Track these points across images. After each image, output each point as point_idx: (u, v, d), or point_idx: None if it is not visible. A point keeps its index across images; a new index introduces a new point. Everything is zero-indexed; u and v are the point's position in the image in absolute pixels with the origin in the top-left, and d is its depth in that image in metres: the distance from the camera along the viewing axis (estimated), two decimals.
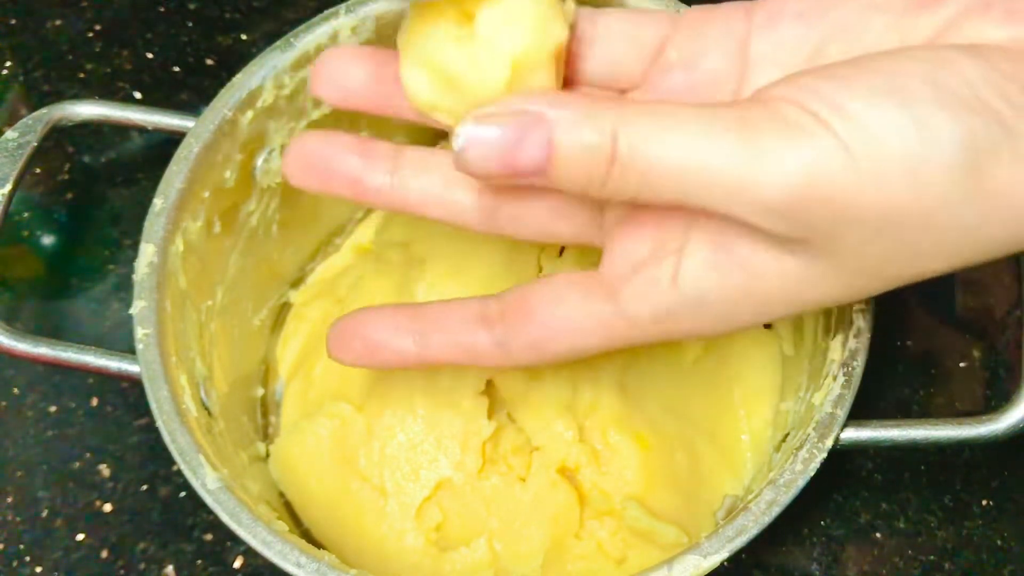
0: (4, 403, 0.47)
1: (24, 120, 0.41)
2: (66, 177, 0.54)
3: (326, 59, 0.34)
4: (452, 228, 0.34)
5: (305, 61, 0.41)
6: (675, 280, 0.29)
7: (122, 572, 0.43)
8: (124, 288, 0.49)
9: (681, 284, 0.29)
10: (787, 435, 0.39)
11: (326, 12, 0.41)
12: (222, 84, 0.41)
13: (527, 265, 0.44)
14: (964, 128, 0.25)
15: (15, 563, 0.43)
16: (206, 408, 0.39)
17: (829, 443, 0.34)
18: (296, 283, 0.49)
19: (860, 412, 0.35)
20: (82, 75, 0.57)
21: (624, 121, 0.25)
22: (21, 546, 0.44)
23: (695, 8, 0.32)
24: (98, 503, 0.45)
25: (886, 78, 0.25)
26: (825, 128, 0.25)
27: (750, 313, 0.29)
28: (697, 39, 0.31)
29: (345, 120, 0.41)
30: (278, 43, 0.41)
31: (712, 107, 0.26)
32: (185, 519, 0.44)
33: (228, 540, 0.44)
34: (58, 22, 0.58)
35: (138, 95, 0.56)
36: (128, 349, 0.37)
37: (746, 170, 0.25)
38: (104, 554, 0.44)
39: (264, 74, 0.41)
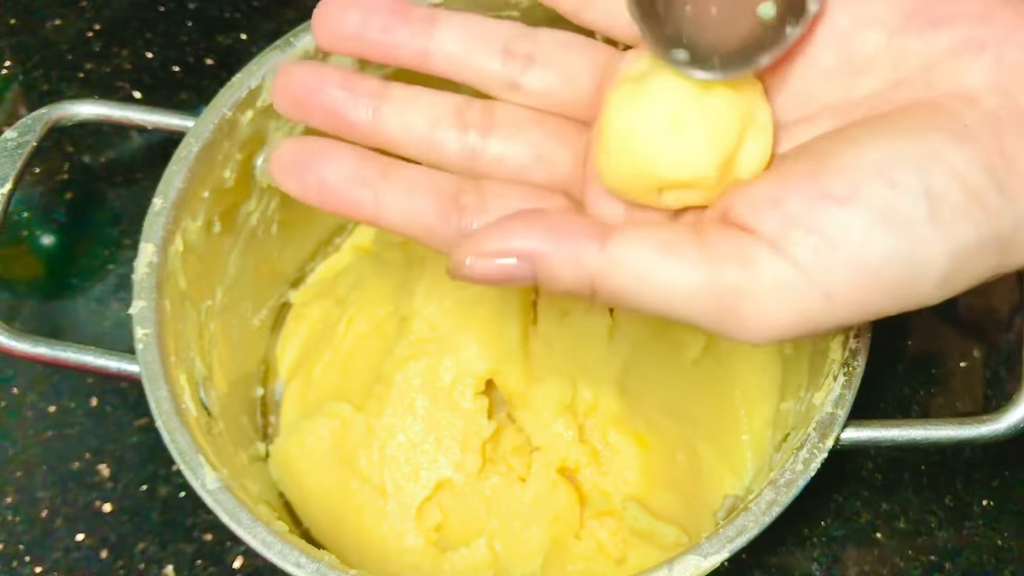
0: (4, 403, 0.47)
1: (23, 120, 0.41)
2: (65, 177, 0.54)
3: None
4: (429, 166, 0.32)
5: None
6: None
7: (122, 572, 0.43)
8: (124, 288, 0.49)
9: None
10: (787, 435, 0.39)
11: None
12: (222, 84, 0.41)
13: None
14: (955, 244, 0.26)
15: (15, 563, 0.43)
16: (206, 408, 0.39)
17: (830, 443, 0.34)
18: (296, 283, 0.49)
19: (860, 412, 0.35)
20: (81, 75, 0.56)
21: (602, 273, 0.27)
22: (21, 546, 0.44)
23: None
24: (98, 503, 0.45)
25: (880, 191, 0.26)
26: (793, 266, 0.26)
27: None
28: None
29: None
30: (278, 43, 0.41)
31: (680, 246, 0.27)
32: (185, 519, 0.44)
33: (228, 540, 0.44)
34: (58, 22, 0.58)
35: (138, 95, 0.56)
36: (128, 349, 0.37)
37: (718, 310, 0.26)
38: (104, 554, 0.44)
39: (264, 74, 0.40)
